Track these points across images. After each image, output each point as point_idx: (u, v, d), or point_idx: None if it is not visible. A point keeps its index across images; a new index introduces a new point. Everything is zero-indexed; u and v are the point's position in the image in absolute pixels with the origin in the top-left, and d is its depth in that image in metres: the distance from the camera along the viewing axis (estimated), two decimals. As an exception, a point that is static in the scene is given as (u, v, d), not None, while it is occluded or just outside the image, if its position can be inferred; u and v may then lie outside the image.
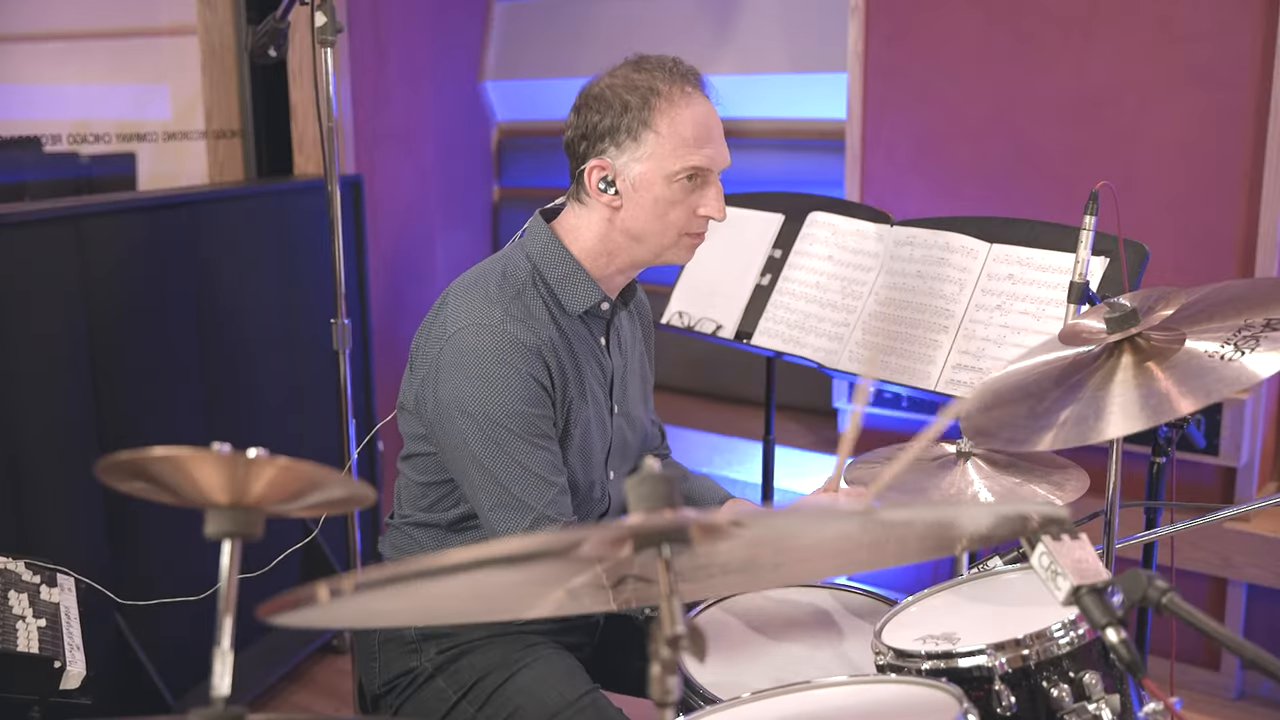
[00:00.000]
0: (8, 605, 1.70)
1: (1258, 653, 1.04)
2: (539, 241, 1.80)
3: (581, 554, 0.98)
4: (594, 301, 1.78)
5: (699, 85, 1.75)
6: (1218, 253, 2.89)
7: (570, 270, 1.77)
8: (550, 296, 1.77)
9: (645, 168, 1.72)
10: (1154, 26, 2.90)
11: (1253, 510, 2.67)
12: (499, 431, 1.67)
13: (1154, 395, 1.44)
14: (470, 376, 1.68)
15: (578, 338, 1.79)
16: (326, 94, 2.39)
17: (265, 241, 3.20)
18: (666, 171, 1.71)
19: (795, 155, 3.95)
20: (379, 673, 1.85)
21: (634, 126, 1.71)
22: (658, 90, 1.71)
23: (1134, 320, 1.51)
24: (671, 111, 1.70)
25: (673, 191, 1.72)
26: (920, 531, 1.16)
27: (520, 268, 1.78)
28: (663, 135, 1.70)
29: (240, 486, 1.04)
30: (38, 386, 2.53)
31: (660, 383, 2.18)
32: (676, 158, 1.70)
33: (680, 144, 1.70)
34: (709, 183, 1.74)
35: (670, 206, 1.73)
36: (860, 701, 1.40)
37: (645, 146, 1.71)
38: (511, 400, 1.67)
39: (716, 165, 1.74)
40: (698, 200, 1.74)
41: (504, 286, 1.74)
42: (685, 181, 1.72)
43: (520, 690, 1.74)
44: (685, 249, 1.78)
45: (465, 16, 4.24)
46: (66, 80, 3.87)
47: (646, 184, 1.72)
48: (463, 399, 1.68)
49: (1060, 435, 1.47)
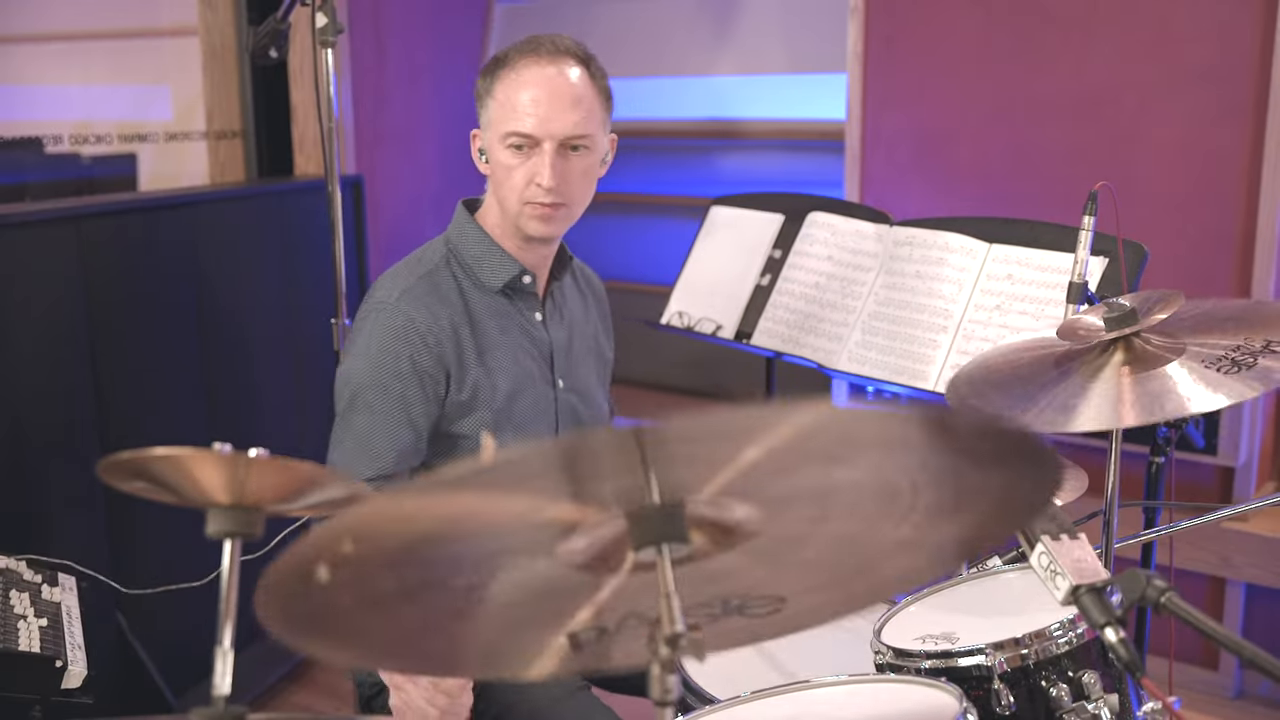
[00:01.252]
0: (9, 605, 1.71)
1: (1256, 652, 1.04)
2: (457, 225, 1.86)
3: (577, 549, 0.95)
4: (512, 275, 1.82)
5: (556, 57, 1.75)
6: (1217, 253, 2.89)
7: (486, 248, 1.82)
8: (467, 276, 1.82)
9: (489, 134, 1.78)
10: (1154, 26, 2.90)
11: (1251, 510, 2.68)
12: (357, 399, 1.74)
13: (1140, 396, 1.44)
14: (355, 352, 1.76)
15: (499, 314, 1.83)
16: (327, 94, 2.39)
17: (266, 242, 3.21)
18: (498, 136, 1.75)
19: (795, 155, 3.96)
20: (368, 674, 1.85)
21: (483, 94, 1.79)
22: (505, 59, 1.76)
23: (1132, 320, 1.52)
24: (508, 78, 1.75)
25: (507, 157, 1.75)
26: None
27: (436, 252, 1.84)
28: (498, 101, 1.76)
29: (241, 486, 1.04)
30: (39, 386, 2.53)
31: (660, 383, 2.18)
32: (504, 123, 1.74)
33: (506, 110, 1.74)
34: (541, 150, 1.73)
35: (509, 173, 1.76)
36: (859, 701, 1.40)
37: (488, 112, 1.78)
38: (379, 374, 1.73)
39: (542, 133, 1.72)
40: (534, 168, 1.74)
41: (414, 269, 1.81)
42: (515, 149, 1.74)
43: (509, 688, 1.74)
44: (530, 218, 1.77)
45: (465, 17, 4.24)
46: (68, 81, 3.88)
47: (491, 149, 1.78)
48: (344, 369, 1.77)
49: (1037, 420, 1.46)
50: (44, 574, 1.85)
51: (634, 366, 4.34)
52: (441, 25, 4.11)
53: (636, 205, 4.34)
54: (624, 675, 1.97)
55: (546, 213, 1.76)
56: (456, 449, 1.80)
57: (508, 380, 1.81)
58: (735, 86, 4.03)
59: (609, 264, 4.47)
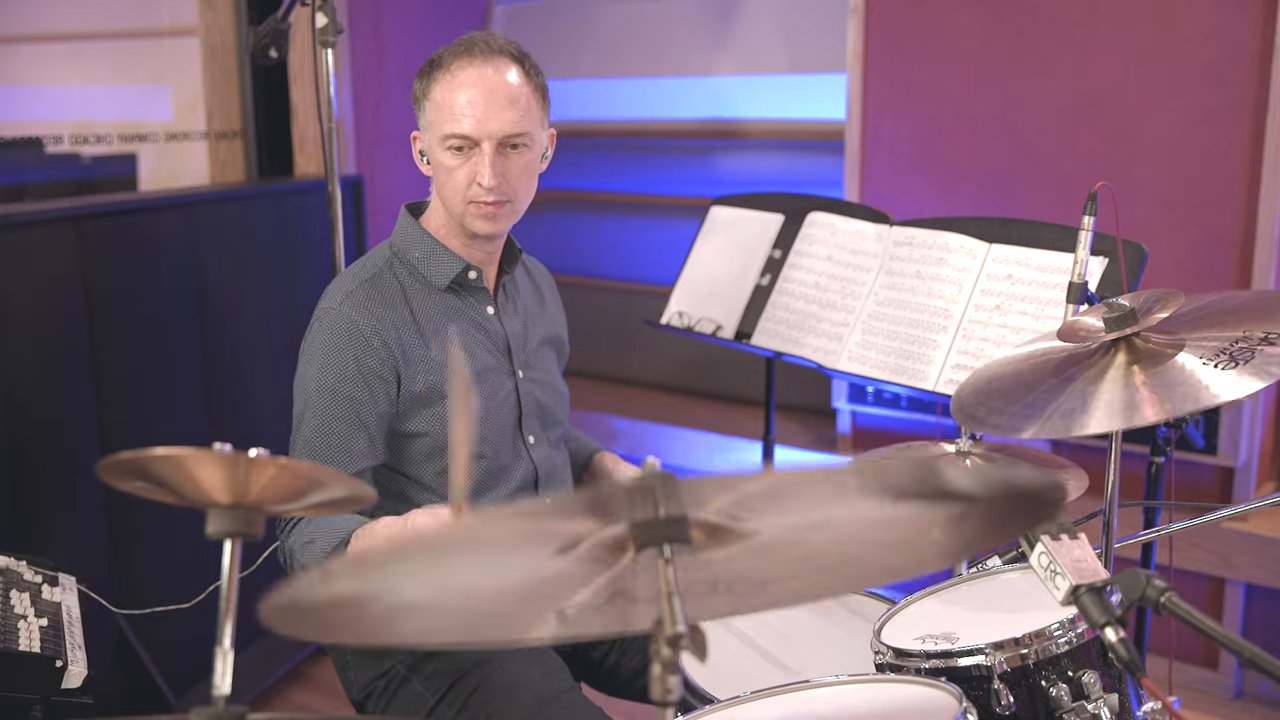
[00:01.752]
0: (9, 605, 1.71)
1: (1256, 652, 1.05)
2: (400, 228, 1.89)
3: (581, 553, 0.97)
4: (457, 271, 1.84)
5: (491, 57, 1.76)
6: (1216, 253, 2.89)
7: (430, 248, 1.85)
8: (412, 276, 1.84)
9: (428, 136, 1.80)
10: (1154, 26, 2.90)
11: (1251, 510, 2.68)
12: (308, 405, 1.76)
13: (1131, 399, 1.44)
14: (304, 359, 1.79)
15: (448, 311, 1.84)
16: (327, 95, 2.39)
17: (266, 242, 3.21)
18: (437, 138, 1.77)
19: (795, 155, 3.96)
20: (355, 680, 1.86)
21: (420, 96, 1.81)
22: (439, 61, 1.78)
23: (1132, 320, 1.52)
24: (443, 79, 1.76)
25: (448, 158, 1.77)
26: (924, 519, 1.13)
27: (379, 255, 1.86)
28: (435, 103, 1.77)
29: (241, 486, 1.04)
30: (39, 386, 2.53)
31: (660, 383, 2.19)
32: (441, 125, 1.76)
33: (444, 112, 1.75)
34: (480, 150, 1.75)
35: (450, 174, 1.77)
36: (859, 701, 1.41)
37: (426, 114, 1.80)
38: (327, 377, 1.74)
39: (479, 133, 1.74)
40: (474, 168, 1.76)
41: (358, 274, 1.83)
42: (455, 150, 1.76)
43: (497, 691, 1.73)
44: (475, 217, 1.79)
45: (465, 17, 4.24)
46: (68, 81, 3.88)
47: (431, 151, 1.80)
48: (297, 378, 1.79)
49: (1045, 426, 1.47)
50: (44, 574, 1.85)
51: (634, 366, 4.35)
52: (441, 25, 4.11)
53: (636, 205, 4.34)
54: (623, 680, 1.97)
55: (490, 211, 1.78)
56: (411, 448, 1.81)
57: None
58: (735, 86, 4.04)
59: (609, 264, 4.48)
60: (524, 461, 1.90)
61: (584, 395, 3.90)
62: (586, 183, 4.34)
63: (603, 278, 4.41)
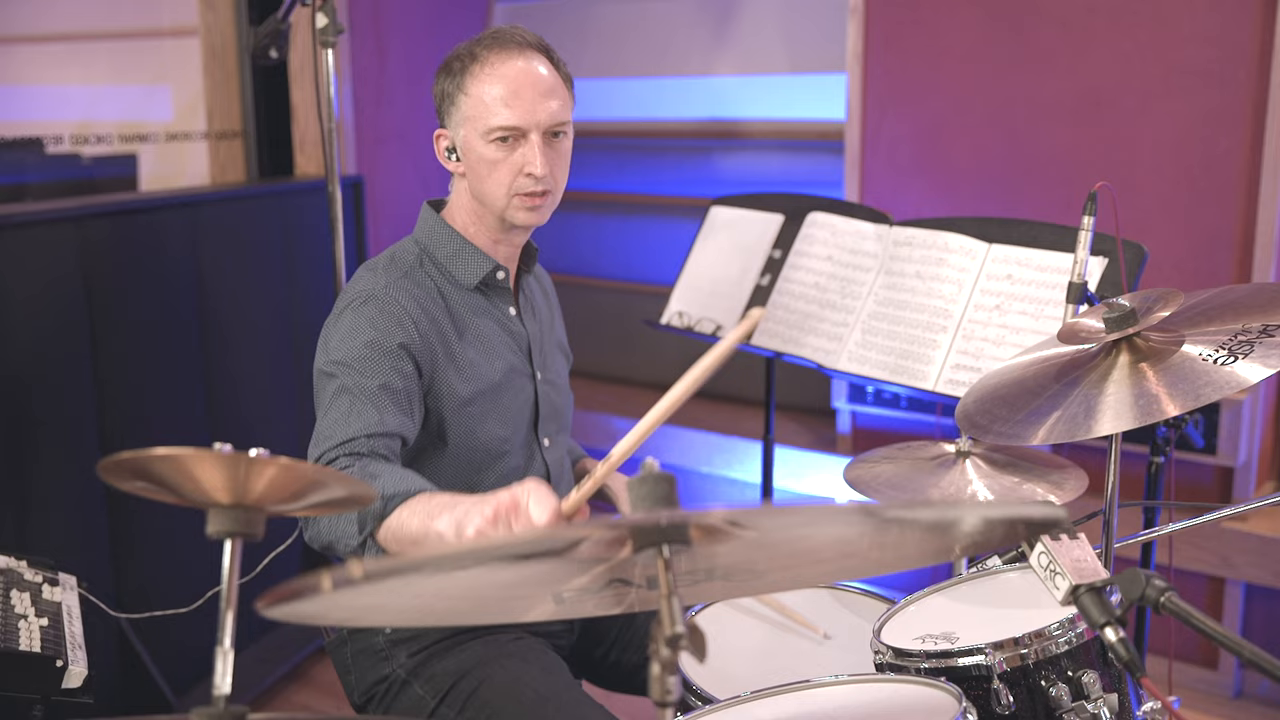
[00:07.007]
0: (10, 604, 1.71)
1: (1255, 652, 1.05)
2: (425, 226, 1.87)
3: (580, 554, 0.98)
4: (486, 271, 1.83)
5: (524, 49, 1.77)
6: (1216, 253, 2.89)
7: (458, 246, 1.83)
8: (441, 275, 1.82)
9: (465, 131, 1.78)
10: (1153, 26, 2.91)
11: (1251, 510, 2.67)
12: (335, 367, 1.71)
13: (1144, 396, 1.44)
14: (337, 328, 1.74)
15: (478, 310, 1.83)
16: (327, 95, 2.40)
17: (266, 242, 3.21)
18: (480, 132, 1.76)
19: (795, 156, 3.96)
20: (356, 685, 1.86)
21: (453, 92, 1.78)
22: (475, 55, 1.76)
23: (1132, 320, 1.52)
24: (481, 73, 1.75)
25: (491, 151, 1.76)
26: (918, 537, 1.16)
27: (408, 252, 1.84)
28: (472, 97, 1.76)
29: (242, 486, 1.04)
30: (39, 386, 2.53)
31: (660, 382, 2.19)
32: (484, 118, 1.75)
33: (486, 105, 1.75)
34: (528, 141, 1.75)
35: (493, 167, 1.76)
36: (859, 701, 1.41)
37: (462, 110, 1.78)
38: (357, 346, 1.70)
39: (528, 124, 1.75)
40: (522, 159, 1.76)
41: (390, 268, 1.80)
42: (500, 142, 1.75)
43: (497, 691, 1.73)
44: (520, 209, 1.79)
45: (465, 17, 4.24)
46: (68, 81, 3.88)
47: (470, 146, 1.78)
48: (325, 358, 1.73)
49: (1053, 431, 1.47)
50: (44, 574, 1.85)
51: (634, 366, 4.35)
52: (441, 25, 4.11)
53: (636, 205, 4.34)
54: (623, 675, 1.97)
55: (535, 202, 1.78)
56: (445, 438, 1.80)
57: (493, 374, 1.81)
58: (735, 87, 4.04)
59: (609, 264, 4.48)
60: (538, 463, 1.90)
61: (584, 395, 3.89)
62: (586, 183, 4.34)
63: (603, 278, 4.41)
